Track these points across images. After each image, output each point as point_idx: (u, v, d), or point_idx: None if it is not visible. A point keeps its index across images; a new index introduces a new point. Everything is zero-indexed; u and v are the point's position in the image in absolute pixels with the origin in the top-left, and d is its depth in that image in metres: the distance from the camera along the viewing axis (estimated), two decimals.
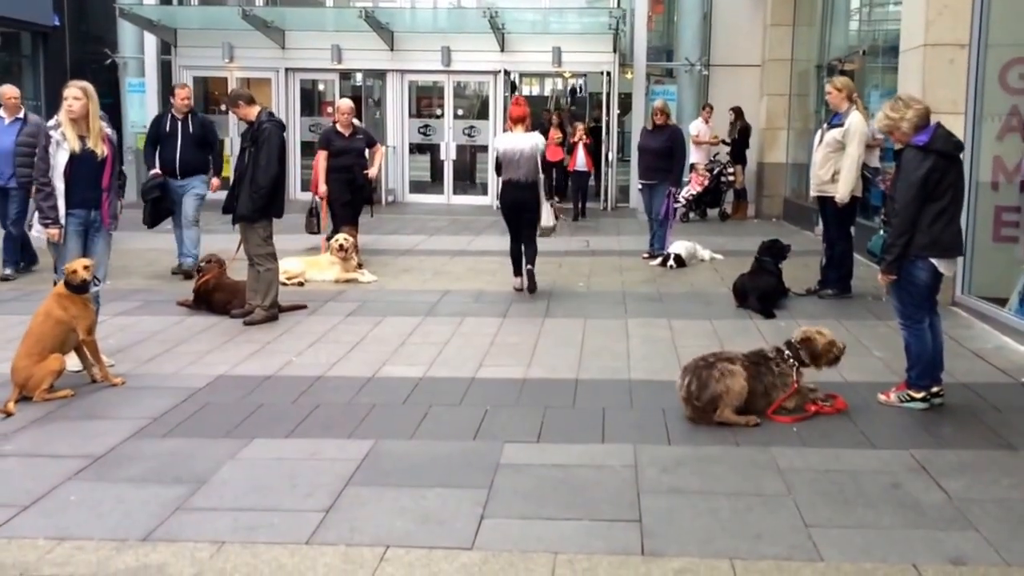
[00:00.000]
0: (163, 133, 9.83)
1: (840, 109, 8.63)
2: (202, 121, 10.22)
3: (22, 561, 3.61)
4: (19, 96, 9.88)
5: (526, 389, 5.94)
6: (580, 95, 22.33)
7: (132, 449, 4.83)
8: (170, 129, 9.79)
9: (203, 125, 10.11)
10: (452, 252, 12.04)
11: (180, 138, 9.74)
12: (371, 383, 6.06)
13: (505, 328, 7.64)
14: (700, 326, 7.72)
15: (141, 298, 8.72)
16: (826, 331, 5.60)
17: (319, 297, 8.80)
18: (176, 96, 9.97)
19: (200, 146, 9.90)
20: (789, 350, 5.50)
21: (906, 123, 5.38)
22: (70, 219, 6.22)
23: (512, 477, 4.46)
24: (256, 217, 7.79)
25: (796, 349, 5.49)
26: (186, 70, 18.52)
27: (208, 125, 10.35)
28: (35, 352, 5.62)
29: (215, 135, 10.50)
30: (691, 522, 3.98)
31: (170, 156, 9.74)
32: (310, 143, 16.50)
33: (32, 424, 5.21)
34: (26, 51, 18.55)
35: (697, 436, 5.04)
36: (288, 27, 18.05)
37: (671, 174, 11.22)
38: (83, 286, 5.81)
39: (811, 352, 5.47)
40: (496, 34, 17.22)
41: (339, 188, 10.56)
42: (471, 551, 3.71)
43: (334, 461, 4.65)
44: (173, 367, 6.41)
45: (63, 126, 6.14)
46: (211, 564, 3.60)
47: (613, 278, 10.15)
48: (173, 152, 9.73)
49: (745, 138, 16.40)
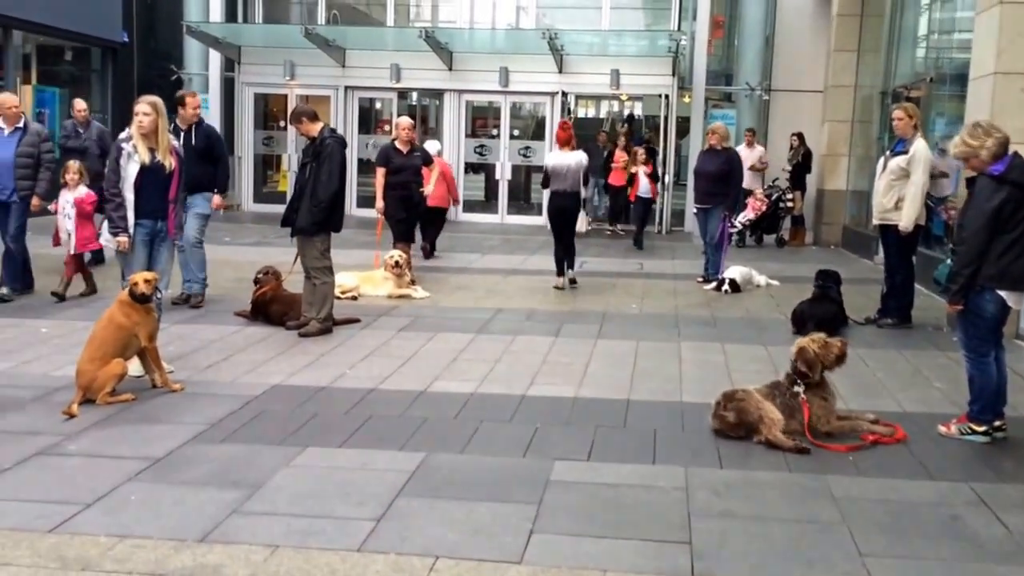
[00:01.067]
0: None
1: (906, 136, 8.51)
2: (208, 132, 9.24)
3: (84, 556, 3.70)
4: (19, 105, 9.25)
5: (577, 408, 5.94)
6: (637, 118, 22.34)
7: (191, 453, 4.92)
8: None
9: (208, 137, 9.18)
10: (505, 271, 12.09)
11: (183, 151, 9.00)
12: (423, 397, 6.11)
13: (557, 347, 7.65)
14: (754, 351, 7.66)
15: (201, 307, 8.88)
16: (819, 335, 5.56)
17: (372, 312, 8.90)
18: (187, 105, 9.02)
19: (205, 160, 8.97)
20: (793, 371, 5.46)
21: (985, 151, 5.28)
22: (138, 229, 6.39)
23: (562, 494, 4.46)
24: (315, 231, 7.92)
25: (794, 365, 5.44)
26: (248, 87, 18.94)
27: (214, 137, 9.37)
28: (98, 356, 5.76)
29: (222, 148, 9.53)
30: (743, 546, 3.95)
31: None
32: (367, 160, 16.74)
33: (95, 426, 5.33)
34: (96, 66, 19.09)
35: (749, 461, 4.99)
36: (349, 46, 18.34)
37: (727, 198, 11.15)
38: (144, 297, 5.95)
39: (806, 361, 5.41)
40: (554, 55, 17.32)
41: (395, 205, 10.68)
42: (520, 565, 3.72)
43: (386, 472, 4.69)
44: (230, 375, 6.53)
45: (134, 139, 6.32)
46: (265, 567, 3.65)
47: (666, 301, 10.11)
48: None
49: (806, 164, 16.27)
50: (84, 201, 9.09)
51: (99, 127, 11.70)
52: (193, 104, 9.05)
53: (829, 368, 5.49)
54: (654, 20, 20.00)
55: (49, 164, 9.07)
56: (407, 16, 20.74)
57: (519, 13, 19.99)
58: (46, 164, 9.04)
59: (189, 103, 9.02)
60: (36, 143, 8.98)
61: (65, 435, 5.15)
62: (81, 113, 11.47)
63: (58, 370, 6.43)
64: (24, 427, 5.27)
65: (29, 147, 8.91)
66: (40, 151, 8.98)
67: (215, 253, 12.35)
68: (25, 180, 8.90)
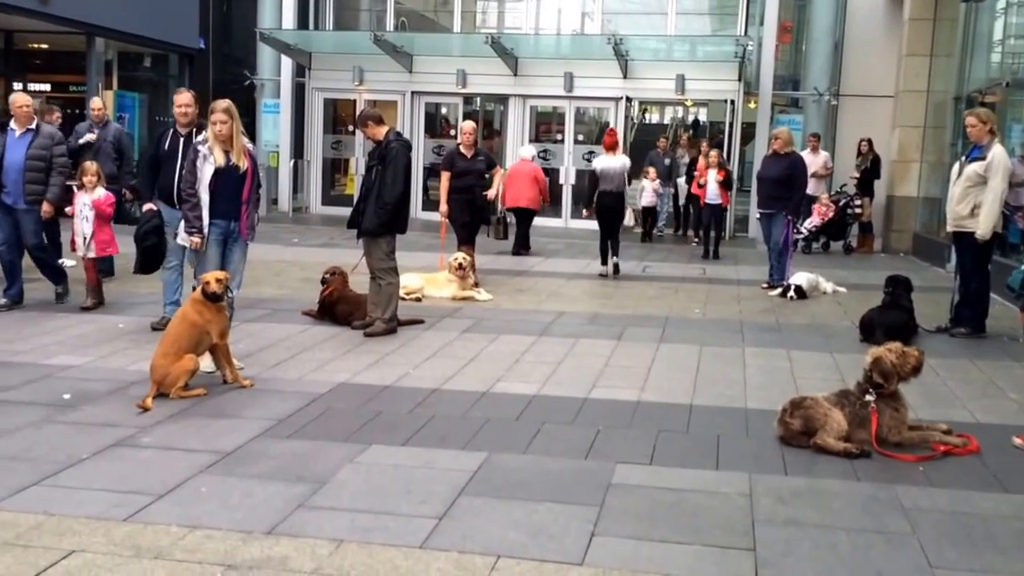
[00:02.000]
0: (162, 153, 7.87)
1: (981, 142, 8.31)
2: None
3: (156, 545, 3.79)
4: (31, 105, 8.68)
5: (639, 412, 5.92)
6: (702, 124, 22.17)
7: (259, 447, 5.02)
8: (170, 148, 7.78)
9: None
10: (568, 275, 12.09)
11: (181, 159, 7.54)
12: (485, 398, 6.15)
13: (619, 351, 7.64)
14: (820, 358, 7.55)
15: (269, 307, 9.05)
16: (896, 344, 5.43)
17: (436, 313, 8.98)
18: (174, 104, 7.90)
19: None
20: (865, 380, 5.36)
21: None
22: (212, 228, 6.55)
23: (624, 497, 4.45)
24: (380, 232, 8.02)
25: (868, 374, 5.34)
26: (318, 92, 19.27)
27: None
28: (172, 352, 5.91)
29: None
30: (808, 554, 3.89)
31: (166, 181, 7.75)
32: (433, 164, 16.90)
33: (168, 419, 5.47)
34: (173, 71, 19.60)
35: (815, 468, 4.92)
36: (416, 52, 18.55)
37: (790, 202, 11.02)
38: (216, 296, 6.09)
39: (882, 372, 5.30)
40: (619, 61, 17.29)
41: (459, 208, 10.77)
42: (581, 567, 3.72)
43: (448, 471, 4.73)
44: (297, 373, 6.64)
45: (210, 142, 6.48)
46: (330, 561, 3.71)
47: (730, 307, 10.02)
48: (171, 176, 7.68)
49: (875, 170, 15.98)
50: (103, 203, 8.67)
51: (117, 127, 11.22)
52: (180, 102, 7.83)
53: (905, 379, 5.38)
54: (720, 25, 19.85)
55: (61, 169, 8.61)
56: (473, 22, 20.90)
57: (584, 19, 20.01)
58: (58, 169, 8.57)
59: (176, 101, 7.88)
60: (48, 146, 8.54)
61: (139, 427, 5.29)
62: (97, 112, 10.89)
63: (133, 365, 6.62)
64: (101, 419, 5.42)
65: (40, 150, 8.47)
66: (52, 155, 8.54)
67: (283, 254, 12.66)
68: (35, 184, 8.45)
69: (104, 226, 8.74)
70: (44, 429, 5.21)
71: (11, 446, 4.91)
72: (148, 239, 7.89)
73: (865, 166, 15.98)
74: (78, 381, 6.21)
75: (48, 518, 4.01)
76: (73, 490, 4.34)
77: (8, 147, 8.44)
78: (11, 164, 8.40)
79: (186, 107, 7.55)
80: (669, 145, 17.74)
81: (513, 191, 13.80)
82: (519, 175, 13.93)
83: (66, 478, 4.49)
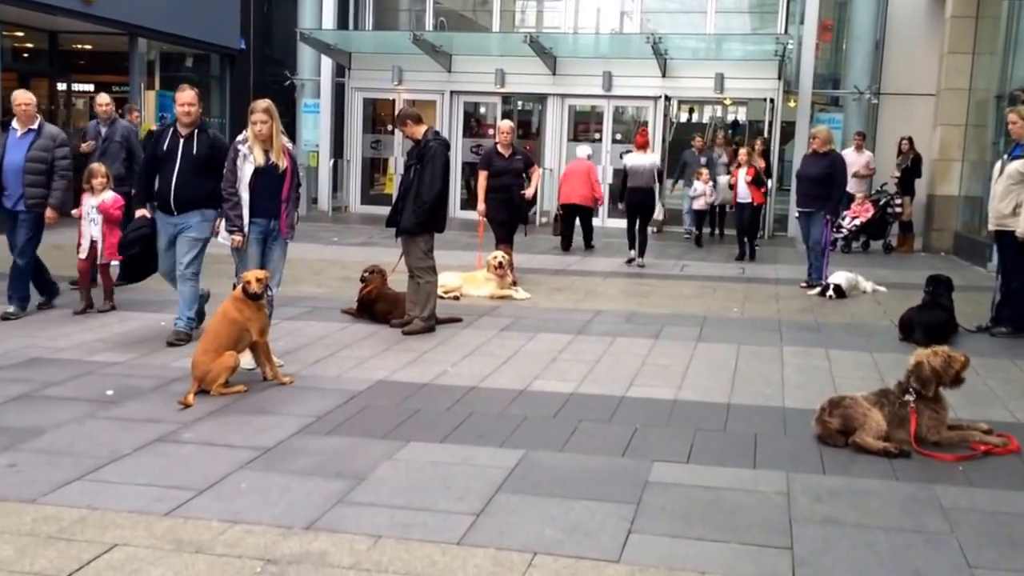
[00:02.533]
0: (160, 154, 7.33)
1: (1023, 140, 8.22)
2: (212, 140, 7.41)
3: (197, 540, 3.86)
4: (34, 103, 8.18)
5: (676, 410, 5.91)
6: (740, 124, 22.01)
7: (298, 444, 5.08)
8: (168, 148, 7.27)
9: (212, 146, 7.34)
10: (605, 273, 12.09)
11: (180, 160, 7.22)
12: (522, 396, 6.17)
13: (657, 350, 7.62)
14: (860, 358, 7.48)
15: (309, 304, 9.13)
16: (942, 348, 5.36)
17: (474, 311, 9.02)
18: (176, 102, 7.35)
19: (205, 173, 7.21)
20: (905, 380, 5.30)
21: None
22: (252, 227, 6.63)
23: (660, 495, 4.45)
24: (419, 231, 8.07)
25: (909, 375, 5.28)
26: (358, 91, 19.41)
27: (219, 145, 7.39)
28: (212, 349, 5.99)
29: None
30: (846, 553, 3.87)
31: (164, 184, 7.28)
32: (471, 163, 16.96)
33: (209, 415, 5.55)
34: (215, 72, 19.85)
35: (853, 467, 4.89)
36: (455, 51, 18.63)
37: (829, 201, 10.94)
38: (255, 295, 6.17)
39: (919, 378, 5.23)
40: (658, 60, 17.22)
41: (497, 207, 10.79)
42: (618, 564, 3.72)
43: (485, 468, 4.76)
44: (336, 370, 6.71)
45: (250, 141, 6.56)
46: (368, 556, 3.75)
47: (769, 306, 9.95)
48: (168, 179, 7.23)
49: (916, 169, 15.77)
50: (111, 206, 8.45)
51: (126, 125, 10.50)
52: (182, 101, 7.29)
53: (946, 385, 5.31)
54: (760, 24, 19.70)
55: (64, 171, 8.14)
56: (512, 22, 20.93)
57: (623, 18, 19.96)
58: (60, 171, 8.11)
59: (177, 99, 7.34)
60: (50, 147, 8.09)
61: (181, 423, 5.37)
62: (104, 108, 10.25)
63: (176, 361, 6.73)
64: (143, 415, 5.52)
65: (41, 151, 8.02)
66: (54, 156, 8.10)
67: (322, 253, 12.78)
68: (35, 188, 8.02)
69: (114, 229, 8.46)
70: (87, 424, 5.32)
71: (55, 441, 5.02)
72: (133, 248, 7.55)
73: (906, 165, 15.78)
74: (121, 377, 6.32)
75: (91, 512, 4.09)
76: (116, 485, 4.42)
77: (8, 148, 8.09)
78: (10, 166, 8.02)
79: (188, 105, 7.20)
80: (707, 144, 17.49)
81: (567, 188, 14.31)
82: (574, 173, 14.34)
83: (109, 473, 4.58)
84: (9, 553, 3.68)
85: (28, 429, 5.18)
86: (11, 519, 3.99)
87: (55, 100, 17.63)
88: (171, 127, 7.40)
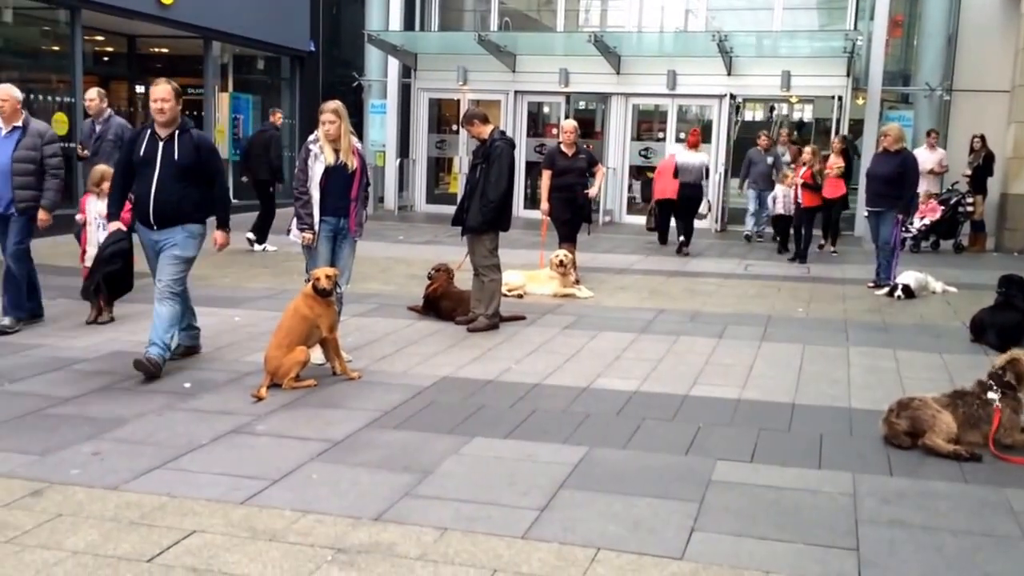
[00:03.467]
0: (136, 160, 6.42)
1: None
2: (197, 143, 6.46)
3: (271, 528, 3.99)
4: (13, 99, 7.55)
5: (740, 409, 5.90)
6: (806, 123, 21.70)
7: (366, 437, 5.20)
8: (145, 154, 6.37)
9: (198, 149, 6.45)
10: (668, 272, 12.05)
11: (159, 167, 6.33)
12: (585, 393, 6.22)
13: (720, 349, 7.60)
14: (929, 359, 7.37)
15: (376, 301, 9.28)
16: None
17: (538, 310, 9.08)
18: (150, 98, 6.38)
19: (190, 180, 6.41)
20: (992, 378, 5.20)
21: None
22: (322, 225, 6.77)
23: (724, 494, 4.46)
24: (484, 229, 8.16)
25: (999, 374, 5.18)
26: (423, 92, 19.61)
27: (206, 149, 6.59)
28: (284, 344, 6.15)
29: (218, 164, 6.77)
30: (913, 555, 3.85)
31: (142, 195, 6.40)
32: (534, 163, 17.02)
33: (280, 408, 5.71)
34: (285, 74, 20.23)
35: (922, 469, 4.84)
36: (519, 51, 18.70)
37: (899, 200, 10.76)
38: (325, 292, 6.31)
39: (1017, 373, 5.13)
40: (723, 58, 17.08)
41: (560, 206, 10.82)
42: (681, 561, 3.75)
43: (549, 464, 4.82)
44: (403, 366, 6.82)
45: (320, 141, 6.71)
46: (435, 548, 3.83)
47: (835, 306, 9.83)
48: (147, 188, 6.34)
49: (988, 167, 15.40)
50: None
51: (120, 122, 9.77)
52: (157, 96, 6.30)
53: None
54: (829, 20, 19.40)
55: (56, 170, 7.62)
56: (576, 21, 20.93)
57: (688, 16, 19.83)
58: (51, 170, 7.58)
59: (152, 94, 6.35)
60: (37, 146, 7.54)
61: (255, 416, 5.53)
62: (92, 103, 9.55)
63: (248, 356, 6.92)
64: (219, 407, 5.70)
65: (29, 150, 7.49)
66: (43, 155, 7.56)
67: (389, 251, 12.95)
68: (26, 190, 7.49)
69: None
70: (166, 416, 5.51)
71: (137, 431, 5.21)
72: (114, 263, 6.98)
73: (977, 163, 15.40)
74: (197, 371, 6.52)
75: (171, 499, 4.25)
76: (193, 473, 4.59)
77: None
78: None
79: (162, 102, 6.26)
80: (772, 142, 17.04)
81: (660, 185, 14.63)
82: (667, 170, 14.60)
83: (187, 462, 4.75)
84: (95, 538, 3.85)
85: (112, 419, 5.39)
86: (96, 505, 4.18)
87: (133, 102, 18.17)
88: (148, 129, 6.43)
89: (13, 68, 13.92)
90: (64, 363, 6.62)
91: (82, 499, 4.24)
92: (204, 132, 6.70)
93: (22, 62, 14.35)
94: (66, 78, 14.49)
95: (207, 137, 6.75)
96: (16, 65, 14.26)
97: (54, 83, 14.73)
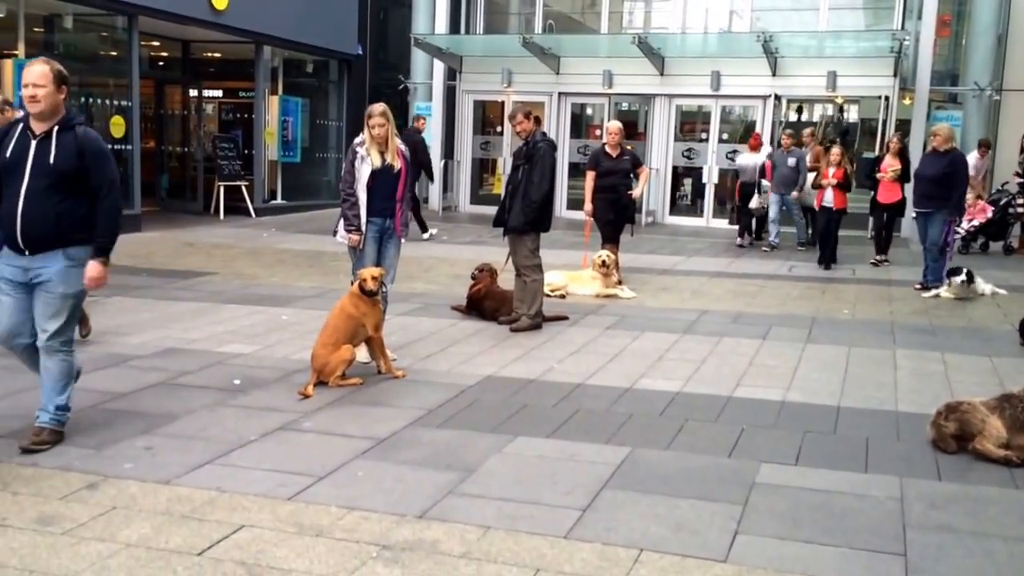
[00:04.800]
0: (2, 161, 4.79)
1: None
2: (80, 144, 4.80)
3: (317, 524, 4.05)
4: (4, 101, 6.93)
5: (784, 411, 5.87)
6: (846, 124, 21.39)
7: (411, 435, 5.25)
8: (13, 154, 4.78)
9: (82, 152, 4.79)
10: (711, 273, 11.99)
11: (29, 173, 4.75)
12: (628, 394, 6.22)
13: (764, 350, 7.56)
14: (977, 362, 7.27)
15: (420, 301, 9.35)
16: None
17: (580, 310, 9.09)
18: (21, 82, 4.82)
19: (71, 192, 4.80)
20: None
21: None
22: (369, 226, 6.84)
23: (768, 496, 4.45)
24: (526, 230, 8.19)
25: None
26: (468, 94, 19.71)
27: (93, 152, 4.85)
28: (330, 343, 6.24)
29: (106, 171, 4.90)
30: (962, 561, 3.81)
31: (8, 209, 4.77)
32: (577, 164, 17.02)
33: (327, 406, 5.78)
34: (333, 77, 20.43)
35: (970, 474, 4.78)
36: (563, 53, 18.73)
37: (948, 201, 10.61)
38: (371, 292, 6.37)
39: None
40: (768, 58, 16.95)
41: (603, 207, 10.82)
42: (724, 563, 3.75)
43: (592, 464, 4.83)
44: (447, 365, 6.88)
45: (367, 143, 6.79)
46: (478, 545, 3.87)
47: (881, 308, 9.72)
48: (14, 201, 4.75)
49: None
50: None
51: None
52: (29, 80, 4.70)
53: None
54: (875, 20, 19.16)
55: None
56: (620, 23, 20.87)
57: (732, 17, 19.70)
58: None
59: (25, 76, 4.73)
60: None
61: (301, 413, 5.61)
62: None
63: (296, 354, 7.01)
64: (267, 404, 5.79)
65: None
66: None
67: (431, 251, 13.03)
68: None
69: None
70: (217, 411, 5.61)
71: (188, 426, 5.31)
72: None
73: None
74: (247, 368, 6.63)
75: (220, 494, 4.33)
76: (242, 469, 4.67)
77: None
78: None
79: (34, 87, 4.70)
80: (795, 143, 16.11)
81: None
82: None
83: (236, 458, 4.83)
84: (147, 531, 3.94)
85: (164, 415, 5.50)
86: (148, 499, 4.27)
87: (187, 106, 18.49)
88: (20, 124, 4.87)
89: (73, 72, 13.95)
90: (119, 359, 6.76)
91: (135, 493, 4.34)
92: (93, 129, 5.04)
93: (82, 67, 14.65)
94: (123, 82, 14.79)
95: (95, 136, 4.98)
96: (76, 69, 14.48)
97: (111, 87, 15.05)
